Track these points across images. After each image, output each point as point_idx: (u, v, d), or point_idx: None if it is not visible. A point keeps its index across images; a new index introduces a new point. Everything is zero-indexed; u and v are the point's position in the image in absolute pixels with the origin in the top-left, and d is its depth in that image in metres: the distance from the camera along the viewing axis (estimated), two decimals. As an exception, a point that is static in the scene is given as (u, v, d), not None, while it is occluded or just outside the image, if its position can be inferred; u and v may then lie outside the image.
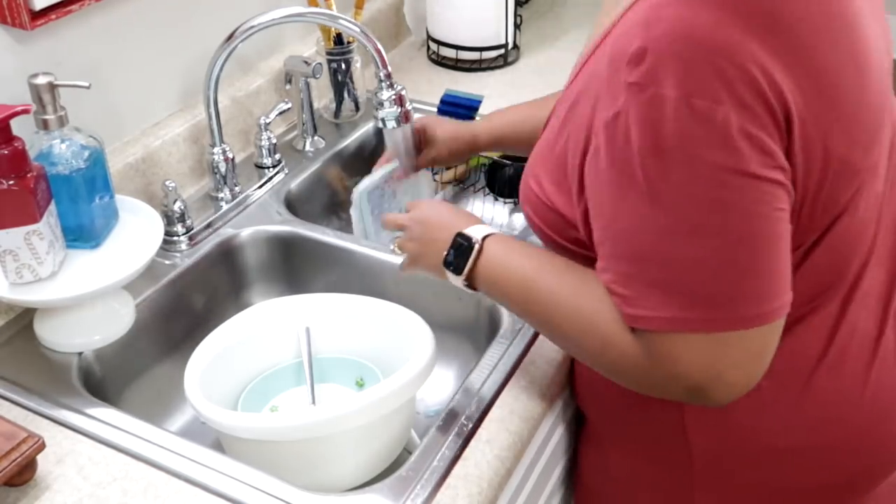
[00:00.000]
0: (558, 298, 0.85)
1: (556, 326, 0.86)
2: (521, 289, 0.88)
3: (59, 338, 1.05)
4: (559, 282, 0.86)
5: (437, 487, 0.88)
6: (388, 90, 1.20)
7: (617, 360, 0.81)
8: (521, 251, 0.91)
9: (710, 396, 0.78)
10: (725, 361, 0.76)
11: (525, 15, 1.81)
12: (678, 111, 0.71)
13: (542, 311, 0.87)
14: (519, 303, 0.90)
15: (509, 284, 0.90)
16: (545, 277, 0.87)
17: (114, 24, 1.18)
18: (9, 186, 0.93)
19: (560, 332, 0.87)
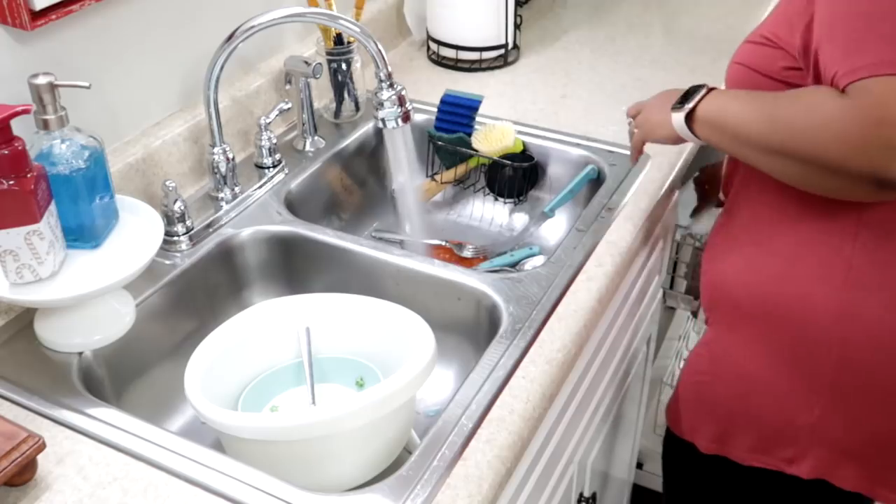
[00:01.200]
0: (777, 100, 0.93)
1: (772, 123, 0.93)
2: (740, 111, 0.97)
3: (59, 338, 1.05)
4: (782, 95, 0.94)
5: (437, 487, 0.88)
6: (388, 90, 1.20)
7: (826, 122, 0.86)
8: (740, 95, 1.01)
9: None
10: None
11: (525, 15, 1.81)
12: None
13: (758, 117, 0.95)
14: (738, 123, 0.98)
15: (729, 109, 0.99)
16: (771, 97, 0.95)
17: (114, 24, 1.18)
18: (9, 186, 0.94)
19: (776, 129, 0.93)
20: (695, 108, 1.02)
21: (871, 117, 0.81)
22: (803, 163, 0.91)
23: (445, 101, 1.45)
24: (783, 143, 0.92)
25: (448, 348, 1.19)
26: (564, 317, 1.09)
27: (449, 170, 1.50)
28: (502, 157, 1.43)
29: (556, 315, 1.09)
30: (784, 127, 0.91)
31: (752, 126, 0.96)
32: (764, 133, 0.94)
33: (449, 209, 1.55)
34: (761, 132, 0.94)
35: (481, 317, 1.17)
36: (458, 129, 1.45)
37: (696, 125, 1.03)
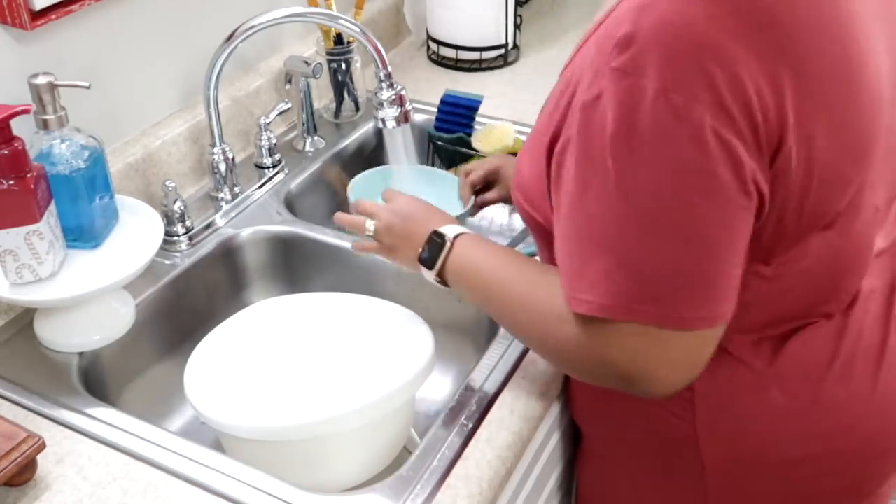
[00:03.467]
0: (514, 287, 0.88)
1: (510, 316, 0.89)
2: (483, 281, 0.92)
3: (59, 338, 1.05)
4: (518, 272, 0.89)
5: (437, 487, 0.88)
6: (388, 90, 1.20)
7: (558, 346, 0.83)
8: (488, 249, 0.94)
9: (642, 388, 0.79)
10: (658, 357, 0.77)
11: (525, 15, 1.81)
12: (654, 104, 0.71)
13: (498, 304, 0.90)
14: (480, 297, 0.93)
15: (473, 277, 0.93)
16: (506, 269, 0.90)
17: (114, 24, 1.18)
18: (9, 186, 0.94)
19: (513, 321, 0.89)
20: (442, 269, 0.96)
21: (599, 357, 0.79)
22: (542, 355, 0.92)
23: (445, 101, 1.45)
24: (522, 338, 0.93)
25: (448, 348, 1.19)
26: (564, 317, 1.09)
27: (449, 170, 1.49)
28: (502, 157, 1.42)
29: (556, 315, 1.09)
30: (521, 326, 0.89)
31: (491, 310, 0.93)
32: (504, 321, 0.92)
33: (449, 209, 1.55)
34: (502, 320, 0.92)
35: (481, 317, 1.17)
36: (458, 129, 1.45)
37: (448, 283, 0.97)
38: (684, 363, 0.78)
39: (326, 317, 1.08)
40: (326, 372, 1.03)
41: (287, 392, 1.01)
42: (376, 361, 1.04)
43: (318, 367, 1.04)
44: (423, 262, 0.97)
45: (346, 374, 1.05)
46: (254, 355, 1.05)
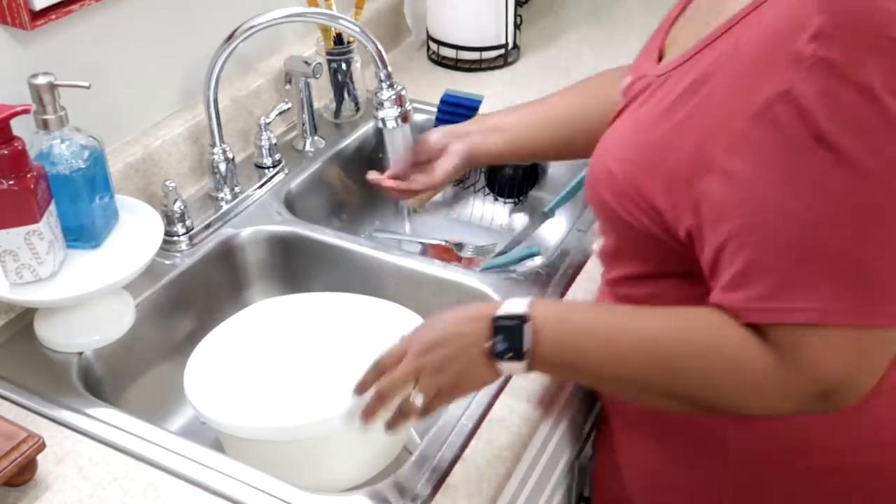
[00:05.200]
0: (659, 336, 0.76)
1: (668, 372, 0.76)
2: (608, 343, 0.78)
3: (59, 338, 1.05)
4: (651, 320, 0.77)
5: (437, 487, 0.88)
6: (388, 90, 1.20)
7: (753, 378, 0.74)
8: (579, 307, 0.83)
9: (836, 401, 0.74)
10: (863, 362, 0.73)
11: (525, 15, 1.80)
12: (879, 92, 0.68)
13: (644, 359, 0.76)
14: (609, 361, 0.78)
15: (589, 344, 0.78)
16: (632, 322, 0.77)
17: (114, 24, 1.18)
18: (9, 186, 0.94)
19: (675, 377, 0.76)
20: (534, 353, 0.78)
21: (808, 377, 0.72)
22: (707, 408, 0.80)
23: (445, 101, 1.45)
24: (683, 394, 0.78)
25: (448, 348, 1.19)
26: (564, 317, 1.09)
27: (449, 170, 1.49)
28: (502, 157, 1.42)
29: (556, 315, 1.09)
30: (688, 383, 0.77)
31: (634, 380, 0.78)
32: (656, 383, 0.78)
33: (449, 209, 1.55)
34: (653, 388, 0.79)
35: (481, 317, 1.16)
36: (458, 129, 1.45)
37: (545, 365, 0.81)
38: (880, 367, 0.74)
39: (326, 317, 1.08)
40: (325, 372, 1.03)
41: (286, 392, 1.01)
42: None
43: (317, 368, 1.04)
44: (501, 355, 0.78)
45: (344, 375, 1.05)
46: (253, 355, 1.05)
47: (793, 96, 0.69)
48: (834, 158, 0.69)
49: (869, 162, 0.69)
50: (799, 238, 0.71)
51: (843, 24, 0.68)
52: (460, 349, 0.80)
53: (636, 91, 0.88)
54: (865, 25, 0.68)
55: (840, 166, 0.69)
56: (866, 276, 0.71)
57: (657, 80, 0.84)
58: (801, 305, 0.71)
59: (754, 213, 0.72)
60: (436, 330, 0.81)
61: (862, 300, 0.71)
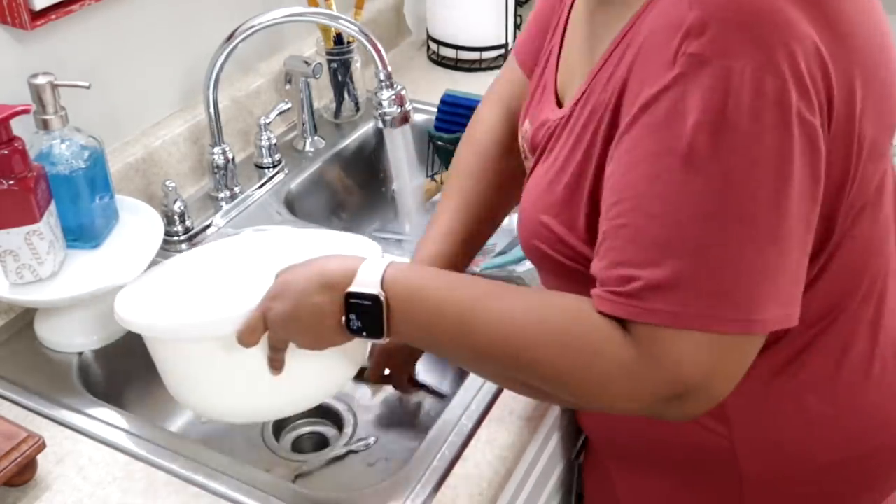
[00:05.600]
0: (515, 317, 0.74)
1: (519, 352, 0.74)
2: (461, 320, 0.75)
3: (59, 338, 1.05)
4: (511, 300, 0.75)
5: (437, 487, 0.88)
6: (388, 90, 1.20)
7: (606, 371, 0.71)
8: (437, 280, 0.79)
9: (688, 406, 0.72)
10: (720, 367, 0.70)
11: (525, 15, 1.80)
12: (746, 86, 0.65)
13: (495, 339, 0.74)
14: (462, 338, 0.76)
15: (441, 322, 0.76)
16: (490, 300, 0.75)
17: (114, 24, 1.18)
18: (9, 186, 0.94)
19: (525, 360, 0.74)
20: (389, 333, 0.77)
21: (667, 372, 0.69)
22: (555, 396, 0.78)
23: (445, 101, 1.45)
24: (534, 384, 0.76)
25: (448, 348, 1.19)
26: (564, 317, 1.09)
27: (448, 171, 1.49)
28: (502, 157, 1.42)
29: (556, 315, 1.09)
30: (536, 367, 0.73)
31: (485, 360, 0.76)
32: (507, 372, 0.76)
33: (449, 209, 1.55)
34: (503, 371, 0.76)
35: (481, 317, 1.16)
36: (458, 129, 1.45)
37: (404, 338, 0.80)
38: (736, 375, 0.72)
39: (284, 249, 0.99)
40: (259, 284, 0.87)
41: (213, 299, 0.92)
42: None
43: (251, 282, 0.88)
44: (358, 332, 0.78)
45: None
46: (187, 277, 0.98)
47: (662, 96, 0.68)
48: (693, 160, 0.67)
49: (718, 164, 0.67)
50: (659, 238, 0.69)
51: (714, 17, 0.66)
52: (316, 321, 0.79)
53: (542, 140, 0.86)
54: (737, 17, 0.66)
55: (695, 167, 0.67)
56: (722, 281, 0.68)
57: (560, 123, 0.83)
58: (658, 306, 0.69)
59: (624, 213, 0.71)
60: (288, 297, 0.79)
61: (717, 306, 0.68)
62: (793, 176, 0.68)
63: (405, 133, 1.23)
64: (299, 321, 0.79)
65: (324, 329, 0.79)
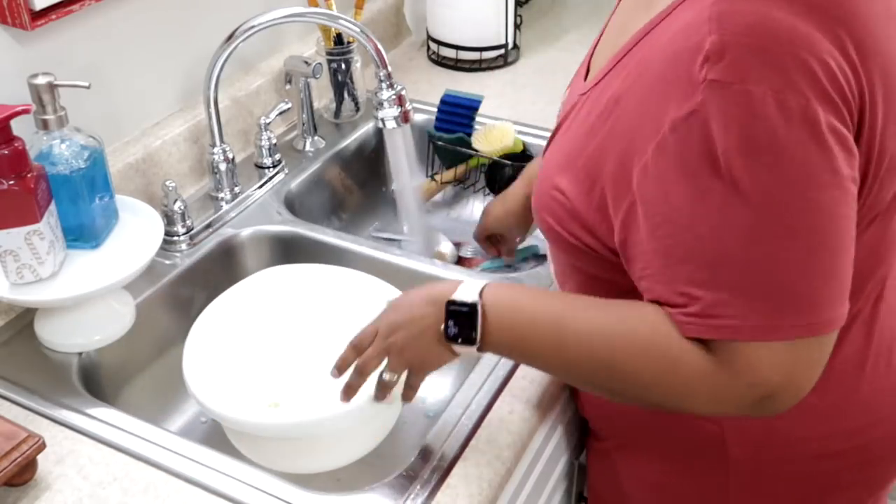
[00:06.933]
0: (598, 332, 0.78)
1: (604, 366, 0.78)
2: (553, 332, 0.80)
3: (59, 338, 1.05)
4: (592, 315, 0.79)
5: (437, 487, 0.88)
6: (388, 90, 1.20)
7: (688, 381, 0.75)
8: (530, 295, 0.84)
9: (777, 405, 0.75)
10: (802, 367, 0.74)
11: (525, 15, 1.81)
12: (768, 108, 0.68)
13: (579, 354, 0.79)
14: (550, 351, 0.81)
15: (533, 335, 0.81)
16: (574, 314, 0.80)
17: (114, 25, 1.18)
18: (9, 186, 0.94)
19: (610, 372, 0.78)
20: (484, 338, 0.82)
21: (747, 382, 0.73)
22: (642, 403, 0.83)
23: (445, 101, 1.45)
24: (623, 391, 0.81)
25: (448, 348, 1.19)
26: (564, 317, 1.09)
27: (449, 170, 1.50)
28: (502, 157, 1.43)
29: (556, 315, 1.09)
30: (625, 377, 0.78)
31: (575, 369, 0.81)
32: (596, 379, 0.81)
33: (449, 209, 1.55)
34: (592, 378, 0.81)
35: (481, 317, 1.16)
36: (458, 129, 1.45)
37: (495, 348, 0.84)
38: (818, 367, 0.75)
39: (321, 291, 1.07)
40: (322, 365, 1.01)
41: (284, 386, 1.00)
42: None
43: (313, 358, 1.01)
44: (453, 339, 0.82)
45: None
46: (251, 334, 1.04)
47: (690, 121, 0.70)
48: (728, 180, 0.70)
49: (756, 184, 0.69)
50: (711, 258, 0.72)
51: (732, 42, 0.69)
52: (419, 331, 0.85)
53: (566, 110, 0.90)
54: (755, 41, 0.69)
55: (733, 189, 0.70)
56: (776, 293, 0.72)
57: (581, 99, 0.86)
58: (721, 322, 0.72)
59: (673, 233, 0.74)
60: (400, 311, 0.87)
61: (775, 316, 0.72)
62: (832, 184, 0.70)
63: (405, 133, 1.23)
64: (407, 329, 0.85)
65: (426, 339, 0.84)
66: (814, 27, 0.70)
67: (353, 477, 1.00)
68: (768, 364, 0.73)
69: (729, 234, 0.71)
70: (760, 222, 0.70)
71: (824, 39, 0.70)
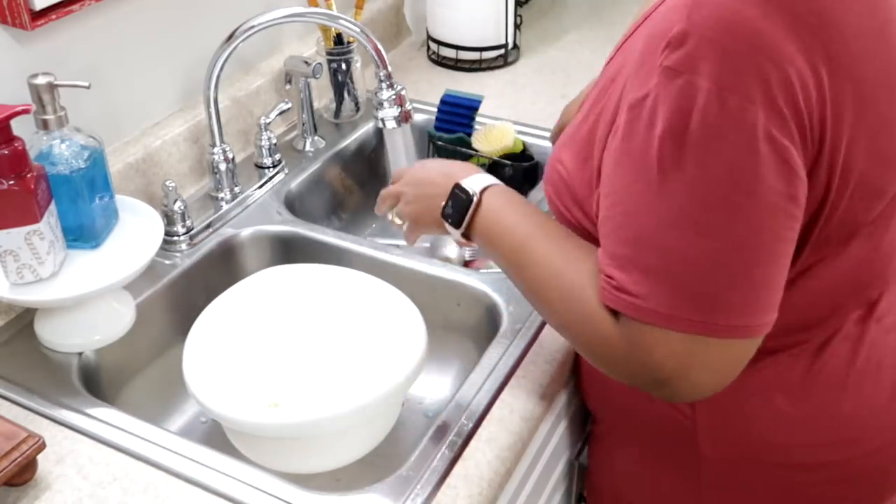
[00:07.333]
0: (548, 264, 0.84)
1: (540, 293, 0.85)
2: (514, 249, 0.87)
3: (59, 338, 1.05)
4: (552, 248, 0.84)
5: (437, 487, 0.88)
6: (388, 90, 1.20)
7: (592, 338, 0.80)
8: (519, 209, 0.89)
9: (673, 392, 0.77)
10: (699, 364, 0.75)
11: (525, 15, 1.81)
12: (708, 104, 0.68)
13: (529, 275, 0.86)
14: (509, 263, 0.88)
15: (503, 243, 0.88)
16: (539, 241, 0.85)
17: (114, 25, 1.18)
18: (9, 186, 0.94)
19: (543, 299, 0.85)
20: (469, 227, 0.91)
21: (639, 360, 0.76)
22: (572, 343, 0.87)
23: (445, 101, 1.45)
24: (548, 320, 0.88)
25: (448, 348, 1.19)
26: (564, 317, 1.09)
27: (449, 170, 1.49)
28: (502, 157, 1.43)
29: (556, 315, 1.09)
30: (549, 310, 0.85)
31: (519, 284, 0.88)
32: (532, 300, 0.88)
33: (449, 209, 1.55)
34: (529, 297, 0.88)
35: (481, 317, 1.17)
36: (458, 129, 1.45)
37: (473, 240, 0.93)
38: (722, 371, 0.76)
39: (324, 294, 1.07)
40: (321, 365, 1.02)
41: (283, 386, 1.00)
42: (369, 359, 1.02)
43: (313, 358, 1.03)
44: (446, 217, 0.92)
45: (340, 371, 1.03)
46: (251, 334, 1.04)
47: (642, 104, 0.72)
48: (659, 167, 0.71)
49: (681, 175, 0.71)
50: (632, 237, 0.75)
51: (694, 33, 0.69)
52: (427, 196, 0.96)
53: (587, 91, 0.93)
54: (716, 35, 0.69)
55: (662, 175, 0.71)
56: (684, 284, 0.73)
57: (596, 81, 0.89)
58: (629, 299, 0.75)
59: (610, 206, 0.77)
60: (423, 171, 1.00)
61: (678, 307, 0.73)
62: (758, 192, 0.70)
63: (405, 133, 1.23)
64: (420, 189, 0.98)
65: (429, 205, 0.96)
66: (783, 33, 0.69)
67: (353, 477, 1.00)
68: (663, 351, 0.74)
69: (651, 218, 0.73)
70: (680, 213, 0.72)
71: (792, 47, 0.69)
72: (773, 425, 0.89)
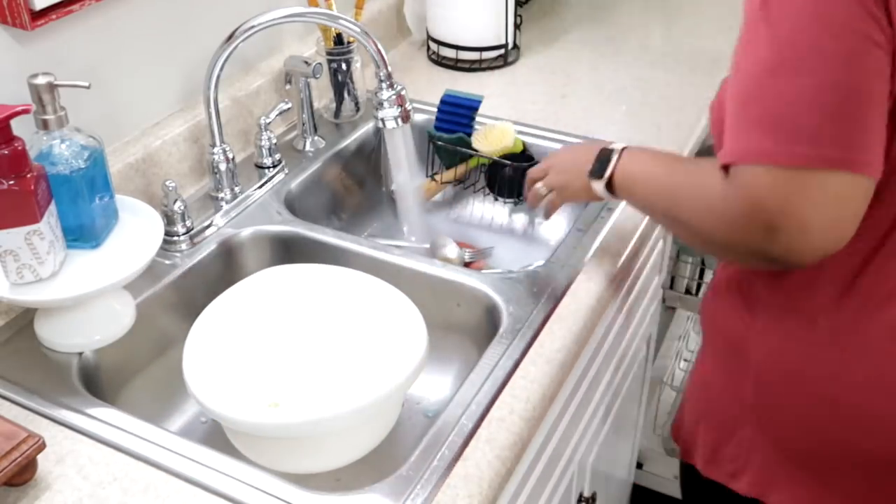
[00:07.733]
0: (676, 176, 0.94)
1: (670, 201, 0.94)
2: (649, 191, 0.99)
3: (59, 338, 1.05)
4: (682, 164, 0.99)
5: (437, 487, 0.88)
6: (388, 90, 1.20)
7: (711, 204, 0.85)
8: (658, 156, 1.03)
9: (784, 239, 0.79)
10: (801, 200, 0.78)
11: (525, 15, 1.81)
12: None
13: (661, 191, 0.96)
14: (645, 191, 1.00)
15: (638, 189, 1.01)
16: (672, 163, 0.99)
17: (114, 25, 1.18)
18: (9, 186, 0.94)
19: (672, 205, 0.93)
20: (612, 177, 1.04)
21: (747, 202, 0.81)
22: (701, 239, 0.92)
23: (445, 101, 1.46)
24: (681, 219, 0.93)
25: (448, 348, 1.19)
26: (564, 317, 1.09)
27: (449, 170, 1.50)
28: (502, 157, 1.43)
29: (556, 315, 1.09)
30: (679, 203, 0.92)
31: (655, 199, 0.98)
32: (665, 207, 0.96)
33: (449, 209, 1.55)
34: (663, 207, 0.96)
35: (481, 317, 1.17)
36: (458, 129, 1.45)
37: (616, 192, 1.05)
38: (833, 206, 0.79)
39: (324, 294, 1.08)
40: (321, 365, 1.02)
41: (283, 386, 1.00)
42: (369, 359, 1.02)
43: (313, 358, 1.03)
44: (592, 174, 1.05)
45: (340, 371, 1.04)
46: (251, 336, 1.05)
47: None
48: (764, 20, 0.79)
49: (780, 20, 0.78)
50: (737, 88, 0.82)
51: None
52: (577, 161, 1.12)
53: None
54: None
55: (766, 26, 0.79)
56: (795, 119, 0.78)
57: None
58: (731, 146, 0.82)
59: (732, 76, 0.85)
60: (572, 149, 1.18)
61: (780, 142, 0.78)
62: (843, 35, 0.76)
63: (405, 133, 1.23)
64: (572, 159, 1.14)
65: (580, 172, 1.09)
66: None
67: (353, 477, 1.00)
68: (766, 185, 0.79)
69: (754, 70, 0.80)
70: (776, 57, 0.78)
71: None
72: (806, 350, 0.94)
